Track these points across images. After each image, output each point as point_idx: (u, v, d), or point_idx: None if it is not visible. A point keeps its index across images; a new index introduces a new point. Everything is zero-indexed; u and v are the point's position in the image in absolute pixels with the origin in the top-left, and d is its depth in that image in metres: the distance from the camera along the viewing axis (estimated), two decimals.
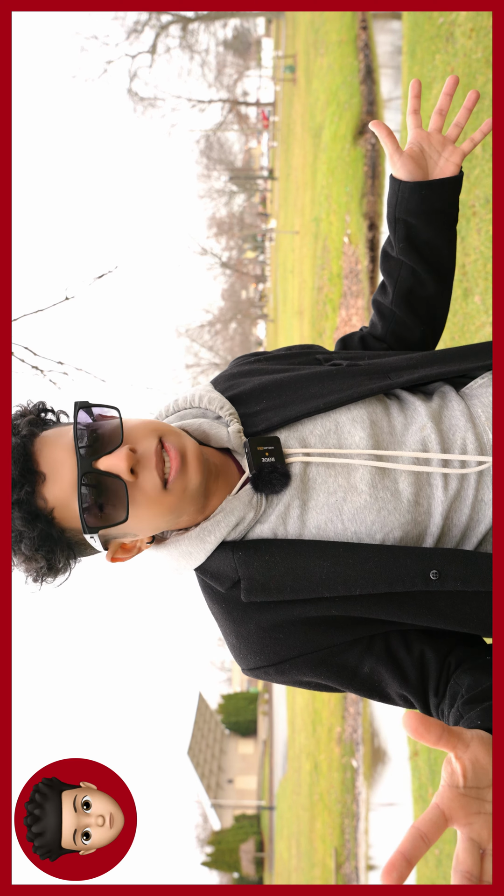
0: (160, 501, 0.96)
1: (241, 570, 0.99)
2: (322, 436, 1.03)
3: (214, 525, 1.00)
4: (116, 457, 0.93)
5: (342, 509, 0.99)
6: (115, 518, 0.94)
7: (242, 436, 1.05)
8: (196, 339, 49.03)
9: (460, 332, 4.49)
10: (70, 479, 0.93)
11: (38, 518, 0.92)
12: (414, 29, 6.27)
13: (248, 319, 49.02)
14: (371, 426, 1.03)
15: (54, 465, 0.94)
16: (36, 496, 0.92)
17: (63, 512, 0.94)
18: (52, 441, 0.96)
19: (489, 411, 1.05)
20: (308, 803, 14.31)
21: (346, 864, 9.04)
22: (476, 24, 4.64)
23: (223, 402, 1.08)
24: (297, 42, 22.31)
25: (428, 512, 1.00)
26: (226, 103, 40.93)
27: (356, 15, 10.27)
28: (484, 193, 4.26)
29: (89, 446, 0.94)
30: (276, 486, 1.00)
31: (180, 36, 34.64)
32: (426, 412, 1.05)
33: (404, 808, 5.97)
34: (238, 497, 1.01)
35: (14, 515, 0.91)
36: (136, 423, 0.99)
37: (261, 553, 0.99)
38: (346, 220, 9.52)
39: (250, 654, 1.01)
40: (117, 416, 0.97)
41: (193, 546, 1.01)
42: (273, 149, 37.44)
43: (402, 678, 0.98)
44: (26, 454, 0.94)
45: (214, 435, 1.06)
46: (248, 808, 44.80)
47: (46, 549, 0.93)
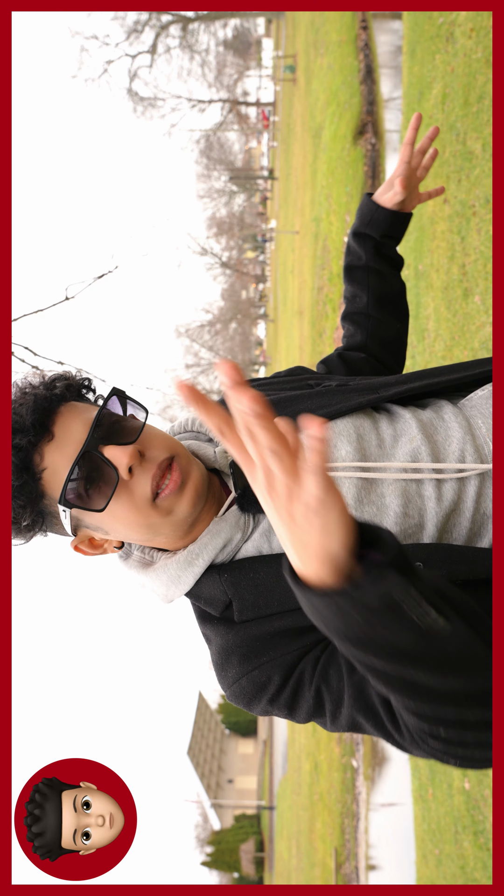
0: (142, 511, 0.95)
1: (230, 592, 0.98)
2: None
3: (201, 548, 0.99)
4: (122, 450, 0.93)
5: None
6: (94, 504, 0.94)
7: (228, 455, 1.06)
8: (196, 339, 49.04)
9: (460, 332, 4.49)
10: (72, 451, 0.93)
11: (27, 470, 0.93)
12: (414, 29, 6.27)
13: (248, 319, 49.04)
14: (358, 440, 1.02)
15: (66, 431, 0.94)
16: (36, 450, 0.94)
17: (51, 477, 0.94)
18: (75, 412, 0.97)
19: (490, 422, 1.03)
20: (308, 803, 14.32)
21: (346, 864, 9.05)
22: (476, 24, 4.64)
23: None
24: (297, 42, 22.31)
25: (420, 525, 0.97)
26: (226, 103, 40.94)
27: (356, 15, 10.27)
28: (484, 193, 4.26)
29: (105, 431, 0.95)
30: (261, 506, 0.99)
31: (180, 36, 34.66)
32: (416, 424, 1.03)
33: (404, 808, 5.97)
34: (224, 518, 1.00)
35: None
36: (158, 433, 1.00)
37: (246, 571, 0.98)
38: (346, 220, 9.52)
39: (230, 666, 0.99)
40: (144, 417, 0.98)
41: (181, 570, 1.00)
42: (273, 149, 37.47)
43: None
44: (48, 410, 0.95)
45: (202, 455, 1.07)
46: (248, 808, 44.82)
47: (20, 501, 0.94)
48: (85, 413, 0.97)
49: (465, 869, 4.08)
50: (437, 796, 4.70)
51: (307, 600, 0.69)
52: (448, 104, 5.03)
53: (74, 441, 0.94)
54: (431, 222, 5.25)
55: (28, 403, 0.94)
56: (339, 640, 0.71)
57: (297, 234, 18.39)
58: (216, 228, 48.04)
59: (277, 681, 0.95)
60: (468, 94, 4.63)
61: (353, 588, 0.65)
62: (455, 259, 4.65)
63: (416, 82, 5.99)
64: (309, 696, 0.94)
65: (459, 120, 4.76)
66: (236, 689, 0.99)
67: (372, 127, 9.07)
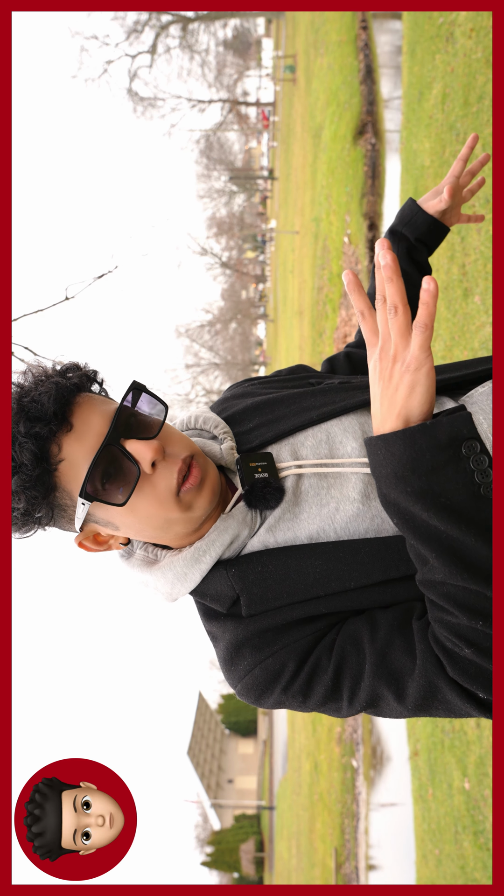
0: (165, 504, 0.95)
1: (237, 586, 0.98)
2: (314, 446, 1.04)
3: (209, 544, 0.99)
4: (146, 445, 0.93)
5: (334, 519, 0.99)
6: (114, 498, 0.93)
7: (235, 452, 1.06)
8: (196, 339, 49.03)
9: (460, 332, 4.49)
10: (92, 443, 0.92)
11: (45, 461, 0.91)
12: (414, 29, 6.27)
13: (248, 319, 49.04)
14: (363, 435, 1.03)
15: (86, 423, 0.93)
16: (54, 440, 0.92)
17: (68, 469, 0.92)
18: (94, 403, 0.96)
19: (490, 418, 1.03)
20: (308, 803, 14.31)
21: (346, 864, 9.05)
22: (476, 24, 4.64)
23: (218, 422, 1.10)
24: (297, 42, 22.31)
25: None
26: (226, 103, 40.93)
27: (356, 15, 10.27)
28: (484, 193, 4.26)
29: (126, 425, 0.94)
30: (269, 502, 0.99)
31: (180, 36, 34.65)
32: None
33: (404, 808, 5.97)
34: (231, 515, 1.00)
35: (25, 447, 0.90)
36: (176, 431, 1.00)
37: (253, 565, 0.98)
38: (346, 220, 9.52)
39: (240, 659, 0.98)
40: (164, 412, 0.98)
41: (188, 567, 1.00)
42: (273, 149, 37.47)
43: (372, 626, 0.93)
44: (67, 400, 0.93)
45: (209, 452, 1.07)
46: (248, 808, 44.81)
47: (34, 492, 0.91)
48: (102, 405, 0.96)
49: (465, 869, 4.08)
50: (437, 796, 4.70)
51: (383, 443, 0.81)
52: (448, 104, 5.03)
53: (94, 433, 0.93)
54: None
55: (50, 392, 0.91)
56: (401, 490, 0.80)
57: (297, 234, 18.39)
58: (216, 228, 48.04)
59: (292, 667, 0.95)
60: (468, 94, 4.63)
61: (430, 424, 0.78)
62: (455, 259, 4.65)
63: (416, 82, 5.99)
64: (326, 678, 0.94)
65: (459, 120, 4.76)
66: (248, 681, 0.98)
67: (372, 127, 9.07)
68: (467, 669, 0.84)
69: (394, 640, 0.91)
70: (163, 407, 0.97)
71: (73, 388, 0.94)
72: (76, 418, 0.93)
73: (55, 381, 0.93)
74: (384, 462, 0.81)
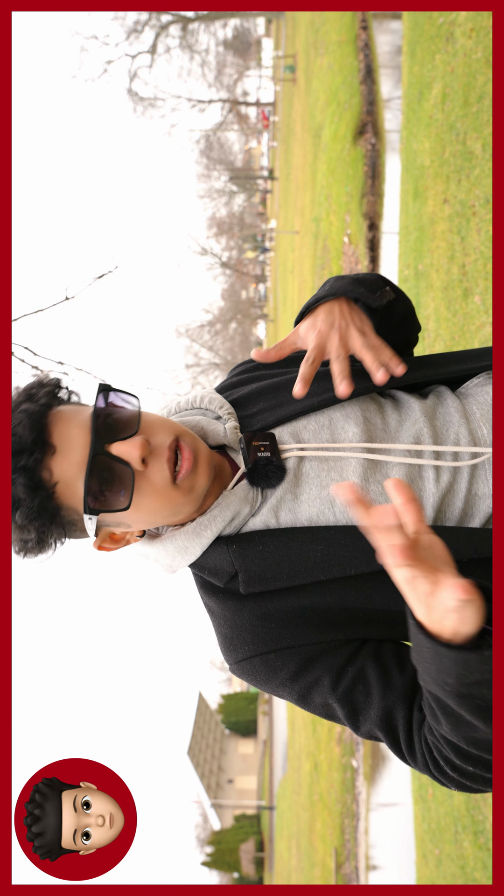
0: (166, 495, 0.96)
1: (237, 563, 0.99)
2: (315, 431, 1.05)
3: (210, 520, 1.00)
4: (131, 444, 0.93)
5: (334, 501, 1.00)
6: (117, 504, 0.94)
7: (238, 432, 1.07)
8: (196, 339, 49.04)
9: (460, 332, 4.49)
10: (80, 458, 0.92)
11: (40, 489, 0.91)
12: (414, 29, 6.27)
13: (248, 319, 49.02)
14: (364, 422, 1.05)
15: (66, 440, 0.93)
16: (42, 466, 0.91)
17: (65, 488, 0.93)
18: (67, 417, 0.95)
19: (484, 408, 1.07)
20: (308, 803, 14.31)
21: (346, 864, 9.05)
22: (476, 24, 4.63)
23: (222, 402, 1.10)
24: (297, 42, 22.31)
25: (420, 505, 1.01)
26: (226, 103, 40.92)
27: (356, 15, 10.27)
28: (484, 193, 4.26)
29: (105, 429, 0.94)
30: (272, 480, 1.01)
31: (180, 36, 34.64)
32: (420, 409, 1.07)
33: (404, 808, 5.97)
34: (234, 492, 1.02)
35: (17, 482, 0.90)
36: (155, 418, 1.00)
37: (255, 544, 0.99)
38: (346, 220, 9.52)
39: (241, 643, 1.00)
40: (136, 405, 0.97)
41: (189, 541, 1.01)
42: (273, 149, 37.45)
43: (386, 684, 0.95)
44: (41, 424, 0.93)
45: (212, 432, 1.07)
46: (248, 808, 44.80)
47: (41, 521, 0.92)
48: (76, 416, 0.96)
49: (465, 869, 4.08)
50: (437, 796, 4.70)
51: (433, 651, 0.76)
52: (448, 104, 5.03)
53: (78, 447, 0.93)
54: (431, 222, 5.25)
55: (22, 421, 0.92)
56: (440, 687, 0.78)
57: (297, 234, 18.39)
58: (216, 228, 48.03)
59: (293, 668, 0.98)
60: (468, 94, 4.63)
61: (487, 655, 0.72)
62: (455, 259, 4.65)
63: (416, 82, 5.99)
64: (321, 701, 0.98)
65: (459, 120, 4.76)
66: (246, 666, 1.00)
67: (372, 127, 9.07)
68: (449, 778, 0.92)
69: (399, 705, 0.95)
70: (135, 399, 0.97)
71: (43, 409, 0.94)
72: (55, 438, 0.93)
73: (24, 409, 0.93)
74: (430, 661, 0.79)
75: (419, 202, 5.66)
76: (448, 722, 0.83)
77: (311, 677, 0.98)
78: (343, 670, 0.97)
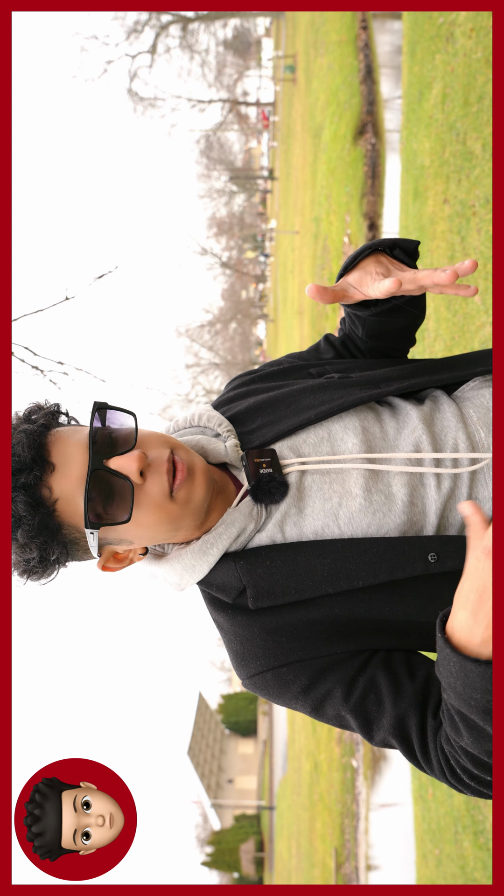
0: (164, 508, 0.97)
1: (245, 579, 1.00)
2: (315, 444, 1.05)
3: (216, 537, 1.01)
4: (128, 458, 0.94)
5: (338, 514, 1.01)
6: (118, 517, 0.94)
7: (239, 449, 1.07)
8: (196, 339, 49.02)
9: (460, 332, 4.49)
10: (79, 474, 0.93)
11: (41, 506, 0.92)
12: (414, 29, 6.27)
13: (248, 319, 49.02)
14: (363, 432, 1.05)
15: (65, 458, 0.94)
16: (42, 484, 0.93)
17: (66, 506, 0.94)
18: (65, 436, 0.97)
19: (480, 412, 1.08)
20: (308, 803, 14.31)
21: (346, 864, 9.05)
22: (476, 24, 4.64)
23: (221, 420, 1.11)
24: (297, 42, 22.31)
25: (423, 512, 1.01)
26: (226, 103, 40.92)
27: (356, 15, 10.27)
28: (484, 193, 4.26)
29: (103, 445, 0.95)
30: (275, 496, 1.01)
31: (180, 36, 34.64)
32: (418, 416, 1.07)
33: (404, 808, 5.97)
34: (238, 509, 1.02)
35: (17, 499, 0.91)
36: (150, 433, 1.01)
37: (262, 559, 1.00)
38: (346, 220, 9.52)
39: (252, 658, 1.01)
40: (133, 421, 0.98)
41: (196, 559, 1.02)
42: (273, 149, 37.44)
43: (397, 692, 0.96)
44: (40, 443, 0.94)
45: (212, 450, 1.08)
46: (248, 808, 44.81)
47: (42, 539, 0.93)
48: (74, 435, 0.97)
49: (465, 869, 4.08)
50: (437, 796, 4.70)
51: (460, 666, 0.80)
52: (448, 104, 5.03)
53: (77, 464, 0.94)
54: (431, 222, 5.25)
55: (21, 441, 0.93)
56: (464, 702, 0.82)
57: (297, 234, 18.39)
58: (216, 228, 48.02)
59: (305, 682, 0.99)
60: (468, 94, 4.63)
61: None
62: (455, 259, 4.65)
63: (416, 82, 5.99)
64: (334, 713, 1.00)
65: (459, 120, 4.76)
66: (258, 681, 1.01)
67: (372, 127, 9.07)
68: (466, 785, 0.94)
69: (411, 712, 0.96)
70: (131, 416, 0.98)
71: (41, 429, 0.96)
72: (54, 456, 0.94)
73: (23, 430, 0.95)
74: (455, 676, 0.83)
75: (419, 202, 5.66)
76: (470, 735, 0.84)
77: (323, 689, 0.99)
78: (354, 681, 0.98)
